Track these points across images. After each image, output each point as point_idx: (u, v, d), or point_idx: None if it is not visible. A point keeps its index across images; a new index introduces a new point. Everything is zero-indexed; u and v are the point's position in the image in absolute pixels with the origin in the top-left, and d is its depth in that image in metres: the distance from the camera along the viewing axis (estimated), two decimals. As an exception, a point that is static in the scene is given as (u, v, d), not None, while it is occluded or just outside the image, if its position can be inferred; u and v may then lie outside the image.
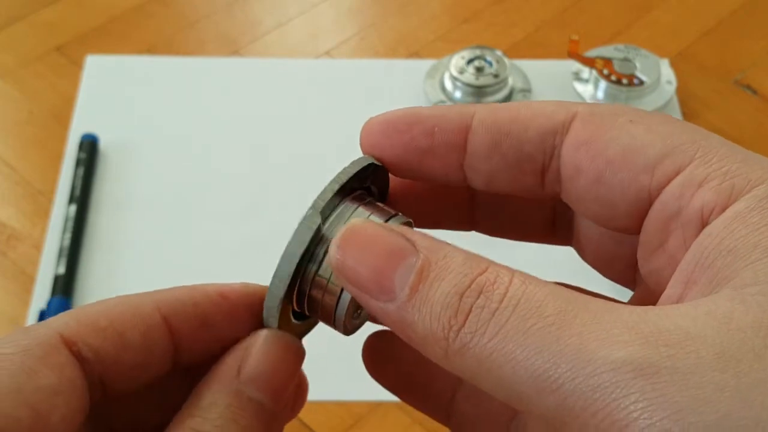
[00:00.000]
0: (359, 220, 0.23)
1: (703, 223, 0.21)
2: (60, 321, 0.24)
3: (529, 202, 0.28)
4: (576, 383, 0.18)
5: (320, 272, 0.25)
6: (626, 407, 0.18)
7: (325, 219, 0.25)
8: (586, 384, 0.18)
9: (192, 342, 0.25)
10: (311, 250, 0.25)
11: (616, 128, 0.23)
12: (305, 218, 0.24)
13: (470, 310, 0.20)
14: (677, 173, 0.22)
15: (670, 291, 0.22)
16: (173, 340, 0.25)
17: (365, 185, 0.26)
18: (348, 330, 0.26)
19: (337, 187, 0.25)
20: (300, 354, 0.25)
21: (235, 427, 0.23)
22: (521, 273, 0.21)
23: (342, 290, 0.25)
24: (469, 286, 0.20)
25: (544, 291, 0.20)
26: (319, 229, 0.24)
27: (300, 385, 0.26)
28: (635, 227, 0.24)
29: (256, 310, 0.26)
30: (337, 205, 0.25)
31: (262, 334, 0.25)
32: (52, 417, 0.22)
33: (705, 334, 0.18)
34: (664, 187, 0.22)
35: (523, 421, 0.26)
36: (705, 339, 0.18)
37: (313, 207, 0.24)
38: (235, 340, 0.25)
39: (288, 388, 0.25)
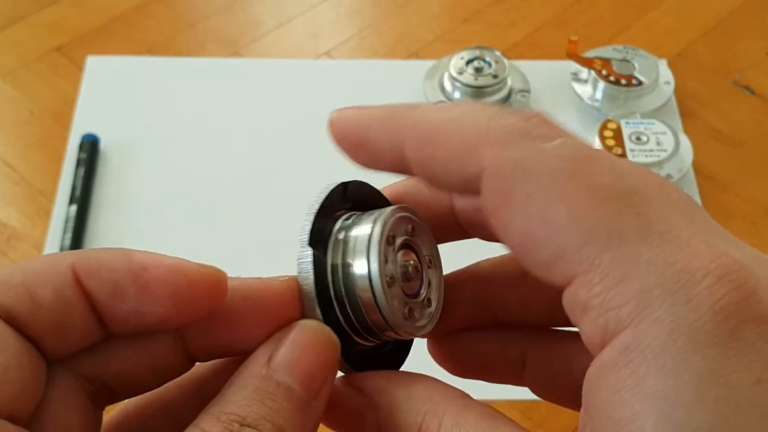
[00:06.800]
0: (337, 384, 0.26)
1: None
2: None
3: None
4: None
5: (345, 292, 0.25)
6: None
7: (324, 242, 0.26)
8: None
9: (112, 311, 0.24)
10: (326, 278, 0.26)
11: (514, 207, 0.22)
12: (300, 258, 0.26)
13: None
14: (569, 282, 0.21)
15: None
16: (90, 304, 0.23)
17: (346, 205, 0.27)
18: (415, 330, 0.26)
19: (312, 217, 0.26)
20: (334, 345, 0.25)
21: (263, 409, 0.23)
22: (446, 423, 0.24)
23: (376, 303, 0.25)
24: None
25: None
26: (320, 259, 0.26)
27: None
28: None
29: (178, 291, 0.24)
30: (329, 228, 0.26)
31: (295, 324, 0.25)
32: None
33: None
34: (564, 288, 0.22)
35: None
36: None
37: (300, 243, 0.26)
38: (158, 319, 0.24)
39: (320, 376, 0.24)
